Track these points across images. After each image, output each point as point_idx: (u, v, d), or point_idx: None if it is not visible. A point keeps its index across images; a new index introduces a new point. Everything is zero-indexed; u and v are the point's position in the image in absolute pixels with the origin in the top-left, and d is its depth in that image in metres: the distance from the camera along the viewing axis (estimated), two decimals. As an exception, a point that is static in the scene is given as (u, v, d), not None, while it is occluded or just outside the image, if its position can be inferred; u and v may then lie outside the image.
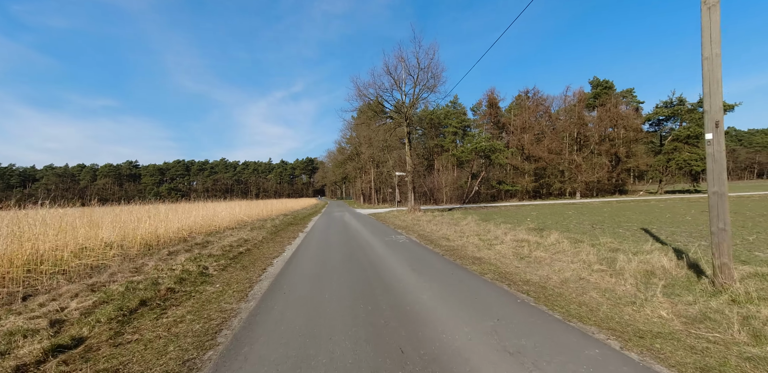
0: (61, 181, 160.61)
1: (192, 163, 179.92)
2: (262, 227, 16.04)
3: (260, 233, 13.14)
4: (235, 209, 22.88)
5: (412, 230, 13.61)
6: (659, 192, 43.32)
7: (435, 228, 13.60)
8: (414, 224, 16.33)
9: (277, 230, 15.02)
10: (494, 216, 20.67)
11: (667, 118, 42.73)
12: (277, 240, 11.94)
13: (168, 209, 16.17)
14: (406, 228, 14.65)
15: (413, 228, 14.43)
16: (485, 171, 38.44)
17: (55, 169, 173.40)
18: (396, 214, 24.44)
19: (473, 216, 18.39)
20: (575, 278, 5.58)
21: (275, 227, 16.24)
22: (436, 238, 11.01)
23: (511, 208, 31.16)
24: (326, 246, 10.04)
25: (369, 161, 49.41)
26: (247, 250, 9.66)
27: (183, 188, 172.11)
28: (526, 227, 12.71)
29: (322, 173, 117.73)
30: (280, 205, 36.94)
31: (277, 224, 18.04)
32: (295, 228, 16.37)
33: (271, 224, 17.25)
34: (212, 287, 5.79)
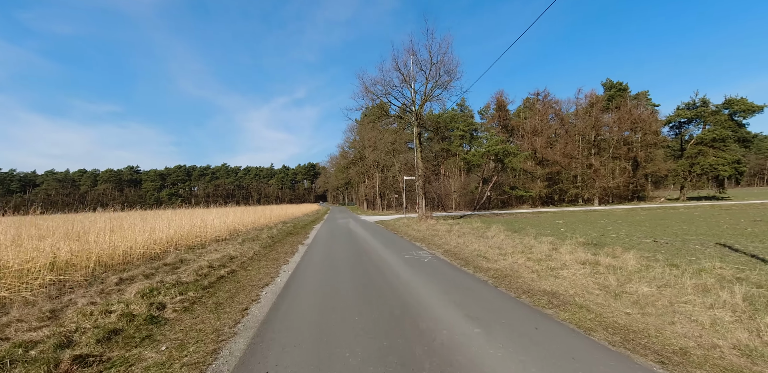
0: (61, 187, 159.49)
1: (193, 168, 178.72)
2: (256, 238, 13.86)
3: (252, 247, 10.95)
4: (228, 216, 20.74)
5: (434, 244, 11.39)
6: (681, 199, 40.96)
7: (460, 241, 11.37)
8: (432, 234, 14.11)
9: (273, 243, 12.82)
10: (519, 225, 18.40)
11: (689, 120, 40.57)
12: (271, 257, 9.76)
13: (146, 216, 14.04)
14: (424, 240, 12.42)
15: (433, 241, 12.20)
16: (497, 176, 36.24)
17: (55, 174, 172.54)
18: (406, 222, 22.22)
19: (497, 225, 16.16)
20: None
21: (271, 238, 14.05)
22: (470, 256, 8.79)
23: (528, 215, 28.86)
24: (332, 267, 7.85)
25: (374, 165, 47.34)
26: (230, 273, 7.47)
27: (184, 193, 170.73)
28: (575, 241, 10.47)
29: (324, 179, 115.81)
30: (280, 211, 34.80)
31: (274, 234, 15.86)
32: (294, 240, 14.17)
33: (267, 235, 15.07)
34: (154, 351, 3.59)
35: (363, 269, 7.50)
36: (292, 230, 18.91)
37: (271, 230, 17.59)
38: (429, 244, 11.39)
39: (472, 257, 8.55)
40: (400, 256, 9.06)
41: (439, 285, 6.04)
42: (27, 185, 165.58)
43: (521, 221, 21.55)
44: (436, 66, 22.11)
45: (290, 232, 17.47)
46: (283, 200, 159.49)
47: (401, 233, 15.63)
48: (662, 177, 46.29)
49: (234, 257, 9.09)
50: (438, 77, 22.20)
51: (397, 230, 17.23)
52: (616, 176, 38.04)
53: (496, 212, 34.03)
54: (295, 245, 12.08)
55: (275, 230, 17.52)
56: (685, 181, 40.00)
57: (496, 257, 8.32)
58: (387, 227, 20.10)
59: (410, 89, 23.46)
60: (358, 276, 6.85)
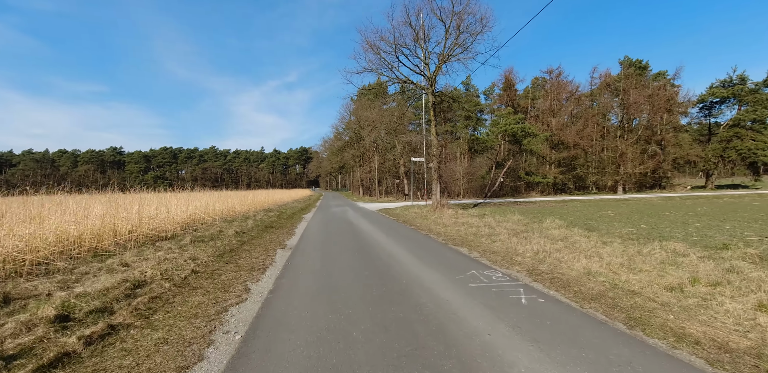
0: (39, 168, 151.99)
1: (180, 150, 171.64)
2: (217, 235, 9.60)
3: (197, 256, 6.70)
4: (197, 201, 16.38)
5: (490, 251, 7.27)
6: (709, 187, 37.59)
7: (530, 247, 7.28)
8: (468, 232, 9.99)
9: (239, 245, 8.58)
10: (566, 217, 14.36)
11: (722, 100, 36.65)
12: (227, 273, 5.58)
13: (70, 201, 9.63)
14: (468, 244, 8.30)
15: (482, 244, 8.09)
16: (513, 159, 32.14)
17: (33, 154, 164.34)
18: (418, 211, 18.11)
19: (552, 218, 12.10)
20: None
21: (239, 237, 9.79)
22: (601, 290, 4.68)
23: (553, 204, 24.97)
24: (335, 305, 3.73)
25: (372, 147, 42.81)
26: (124, 327, 3.26)
27: (170, 176, 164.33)
28: (739, 252, 6.42)
29: (317, 163, 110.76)
30: (266, 197, 30.39)
31: (247, 228, 11.59)
32: (272, 238, 9.94)
33: (237, 229, 10.80)
34: None
35: (404, 329, 3.36)
36: (275, 221, 14.63)
37: (246, 221, 13.30)
38: (483, 251, 7.24)
39: (612, 294, 4.42)
40: (461, 285, 4.89)
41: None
42: (3, 165, 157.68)
43: (558, 212, 17.59)
44: (458, 15, 17.47)
45: (271, 224, 13.20)
46: (274, 184, 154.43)
47: (423, 229, 11.48)
48: (681, 164, 42.76)
49: (142, 284, 4.82)
50: (460, 31, 17.59)
51: (414, 224, 13.08)
52: (645, 161, 34.28)
53: (513, 200, 30.13)
54: (271, 251, 7.84)
55: (251, 221, 13.23)
56: (716, 167, 36.45)
57: (659, 294, 4.24)
58: (396, 218, 15.94)
59: (423, 49, 18.86)
60: (400, 355, 2.73)
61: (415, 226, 12.34)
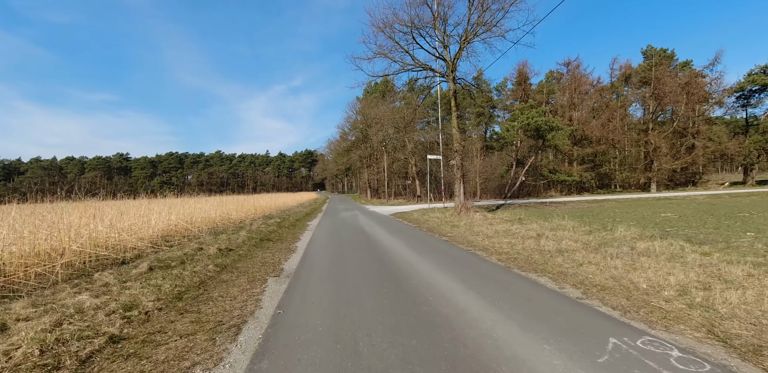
0: (46, 175, 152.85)
1: (185, 155, 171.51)
2: (196, 253, 7.23)
3: (157, 290, 4.33)
4: (180, 209, 14.14)
5: (590, 284, 4.75)
6: (750, 183, 34.46)
7: (675, 279, 4.77)
8: (530, 247, 7.47)
9: (221, 269, 6.21)
10: (630, 221, 11.69)
11: (762, 88, 33.48)
12: (171, 342, 3.20)
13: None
14: (539, 267, 5.79)
15: (564, 270, 5.58)
16: (535, 156, 29.50)
17: (41, 162, 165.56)
18: (440, 216, 15.62)
19: (623, 225, 9.50)
20: None
21: (226, 252, 7.42)
22: None
23: (591, 205, 22.27)
24: None
25: (380, 147, 40.40)
26: None
27: (177, 181, 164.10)
28: None
29: (323, 166, 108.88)
30: (269, 201, 28.14)
31: (239, 241, 9.22)
32: (268, 257, 7.55)
33: (226, 244, 8.44)
34: None
35: None
36: (274, 231, 12.25)
37: (238, 232, 10.93)
38: (580, 284, 4.70)
39: None
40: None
41: None
42: (12, 173, 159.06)
43: (605, 214, 14.95)
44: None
45: (268, 236, 10.81)
46: (279, 188, 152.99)
47: (459, 241, 8.97)
48: (712, 159, 39.61)
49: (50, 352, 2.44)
50: (487, 7, 15.08)
51: (443, 233, 10.59)
52: (682, 156, 31.29)
53: (539, 201, 27.45)
54: (258, 283, 5.41)
55: (244, 232, 10.85)
56: (758, 161, 33.24)
57: None
58: (418, 224, 13.43)
59: (441, 32, 16.43)
60: None
61: (447, 237, 9.84)
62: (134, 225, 10.18)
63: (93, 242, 7.71)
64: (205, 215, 14.37)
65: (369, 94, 57.83)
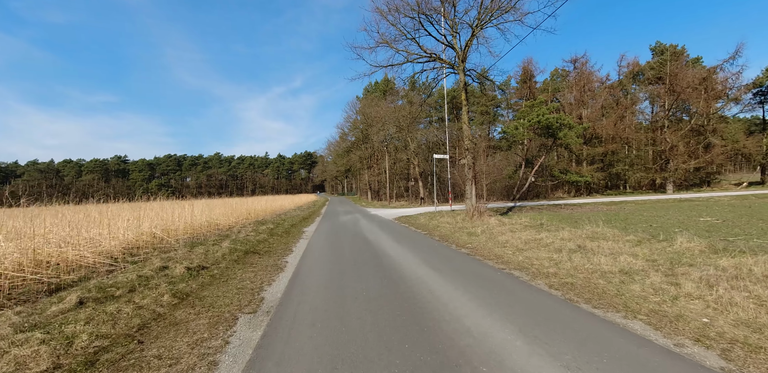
0: (43, 178, 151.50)
1: (184, 157, 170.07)
2: (154, 276, 5.66)
3: (54, 352, 2.76)
4: (166, 214, 12.62)
5: (712, 337, 3.21)
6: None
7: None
8: (584, 267, 5.92)
9: (177, 302, 4.65)
10: (674, 228, 10.12)
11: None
12: None
13: None
14: (616, 302, 4.24)
15: (657, 308, 4.03)
16: (545, 155, 27.97)
17: (38, 164, 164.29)
18: (451, 221, 14.05)
19: (687, 238, 7.93)
20: None
21: (196, 272, 5.87)
22: None
23: (611, 207, 20.70)
24: None
25: (382, 147, 38.86)
26: None
27: (175, 183, 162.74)
28: None
29: (322, 167, 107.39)
30: (265, 204, 26.56)
31: (218, 255, 7.66)
32: (247, 279, 6.00)
33: (199, 260, 6.90)
34: None
35: None
36: (264, 240, 10.67)
37: (220, 242, 9.34)
38: (700, 337, 3.17)
39: None
40: None
41: None
42: (9, 176, 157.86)
43: (636, 219, 13.37)
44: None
45: (255, 247, 9.22)
46: (278, 190, 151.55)
47: (484, 255, 7.39)
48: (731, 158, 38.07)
49: None
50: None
51: (459, 242, 9.00)
52: (701, 155, 29.74)
53: (551, 203, 25.90)
54: (224, 327, 3.84)
55: (228, 242, 9.27)
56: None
57: None
58: (428, 231, 11.83)
59: (450, 19, 14.91)
60: None
61: (468, 248, 8.25)
62: (102, 235, 8.65)
63: (33, 259, 6.16)
64: (188, 221, 12.80)
65: (369, 93, 56.38)
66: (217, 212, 17.16)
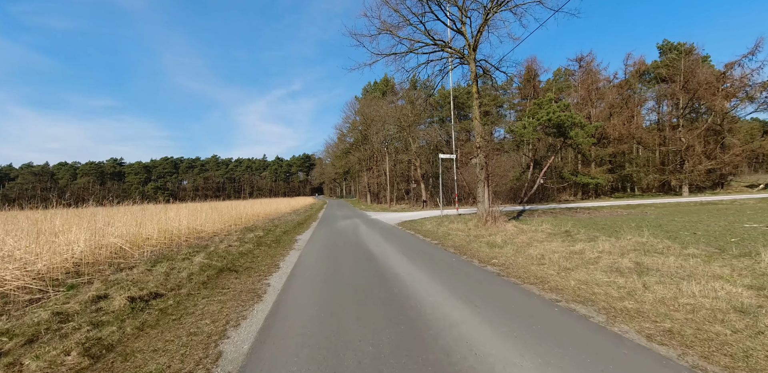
0: (37, 181, 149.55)
1: (180, 160, 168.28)
2: (69, 318, 4.05)
3: None
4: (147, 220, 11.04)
5: None
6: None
7: None
8: (679, 303, 4.37)
9: (79, 371, 3.02)
10: (727, 237, 8.57)
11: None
12: None
13: None
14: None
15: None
16: (555, 156, 26.51)
17: (33, 167, 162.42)
18: (462, 227, 12.49)
19: (761, 250, 6.42)
20: None
21: (143, 305, 4.28)
22: None
23: (631, 211, 19.19)
24: None
25: (382, 148, 37.34)
26: None
27: (172, 186, 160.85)
28: None
29: (320, 170, 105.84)
30: (259, 208, 24.96)
31: (182, 276, 6.09)
32: (209, 313, 4.42)
33: (157, 283, 5.33)
34: None
35: None
36: (248, 252, 9.06)
37: (192, 257, 7.75)
38: None
39: None
40: None
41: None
42: (3, 179, 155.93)
43: (673, 226, 11.84)
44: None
45: (233, 263, 7.62)
46: (276, 193, 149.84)
47: (528, 279, 5.82)
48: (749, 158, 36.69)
49: None
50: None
51: (479, 256, 7.43)
52: (718, 155, 28.32)
53: (564, 206, 24.39)
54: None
55: (202, 256, 7.67)
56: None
57: None
58: (439, 240, 10.24)
59: (459, 6, 13.43)
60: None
61: (495, 265, 6.67)
62: (50, 247, 7.08)
63: None
64: (164, 228, 11.21)
65: (368, 93, 54.98)
66: (203, 217, 15.57)
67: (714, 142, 29.28)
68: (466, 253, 8.04)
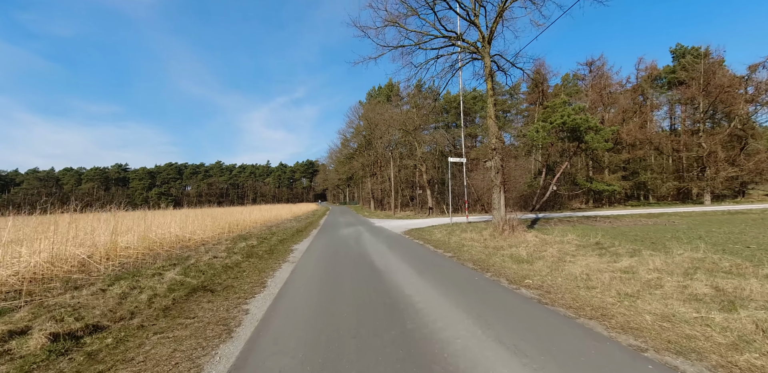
0: (42, 186, 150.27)
1: (185, 166, 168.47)
2: None
3: None
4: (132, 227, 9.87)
5: None
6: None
7: None
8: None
9: None
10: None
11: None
12: None
13: None
14: None
15: None
16: (568, 161, 25.21)
17: (38, 173, 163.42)
18: (477, 237, 11.21)
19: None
20: None
21: (48, 362, 3.06)
22: None
23: (657, 221, 17.78)
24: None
25: (386, 152, 36.25)
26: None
27: (176, 192, 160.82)
28: None
29: (323, 176, 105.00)
30: (258, 214, 23.82)
31: (144, 299, 4.89)
32: (157, 356, 3.16)
33: (98, 312, 4.13)
34: None
35: None
36: (234, 266, 7.85)
37: (164, 274, 6.55)
38: None
39: None
40: None
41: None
42: (9, 184, 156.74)
43: (715, 238, 10.48)
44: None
45: (211, 281, 6.39)
46: (280, 199, 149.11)
47: (581, 311, 4.53)
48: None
49: None
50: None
51: (505, 273, 6.15)
52: (741, 162, 26.84)
53: (583, 215, 22.99)
54: None
55: (175, 272, 6.48)
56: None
57: None
58: (452, 252, 8.95)
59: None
60: None
61: (529, 287, 5.39)
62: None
63: None
64: (145, 236, 10.04)
65: (373, 98, 54.22)
66: (196, 224, 14.42)
67: (735, 149, 27.82)
68: (488, 269, 6.77)
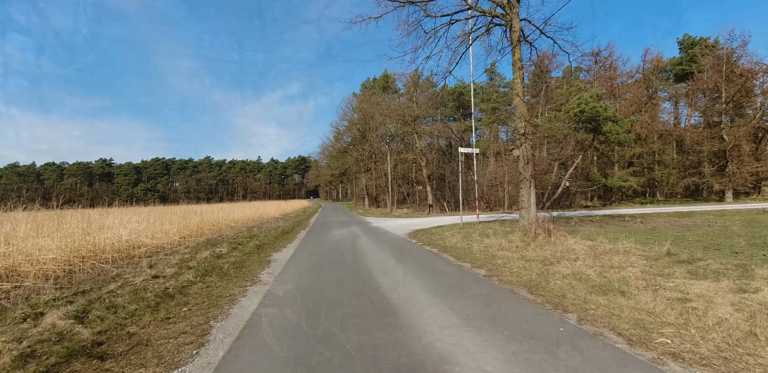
0: (23, 181, 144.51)
1: (172, 161, 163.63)
2: None
3: None
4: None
5: None
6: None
7: None
8: None
9: None
10: None
11: None
12: None
13: None
14: None
15: None
16: (584, 155, 23.08)
17: (18, 167, 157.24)
18: (505, 244, 8.89)
19: None
20: None
21: None
22: None
23: (695, 221, 15.69)
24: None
25: (382, 145, 33.78)
26: None
27: (162, 188, 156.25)
28: None
29: (316, 172, 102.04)
30: (240, 212, 21.25)
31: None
32: None
33: None
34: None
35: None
36: (177, 292, 5.35)
37: (39, 318, 4.06)
38: None
39: None
40: None
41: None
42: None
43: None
44: None
45: (109, 336, 3.94)
46: (271, 195, 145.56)
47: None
48: None
49: None
50: None
51: (613, 325, 3.79)
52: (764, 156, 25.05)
53: (605, 213, 20.94)
54: None
55: (53, 321, 4.00)
56: None
57: None
58: (490, 271, 6.57)
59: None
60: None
61: (663, 348, 3.05)
62: None
63: None
64: (72, 244, 7.48)
65: (367, 89, 51.59)
66: (158, 225, 11.86)
67: (758, 142, 26.02)
68: (562, 305, 4.40)
